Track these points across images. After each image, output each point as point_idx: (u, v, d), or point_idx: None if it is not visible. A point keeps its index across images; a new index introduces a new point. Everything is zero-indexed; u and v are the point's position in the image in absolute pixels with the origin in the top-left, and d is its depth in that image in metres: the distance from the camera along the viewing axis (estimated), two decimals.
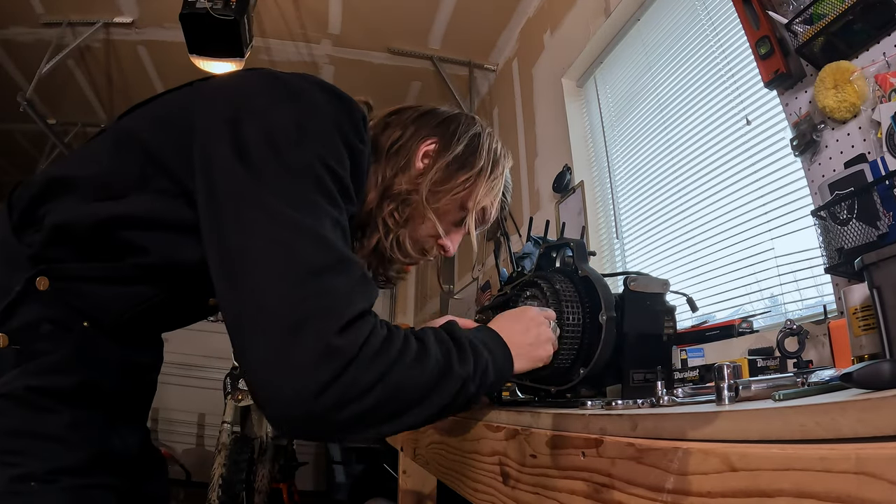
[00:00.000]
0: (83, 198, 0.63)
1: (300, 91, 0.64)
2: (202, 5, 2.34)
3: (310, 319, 0.48)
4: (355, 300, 0.52)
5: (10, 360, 0.59)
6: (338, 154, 0.62)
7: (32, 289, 0.60)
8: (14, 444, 0.57)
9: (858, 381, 0.37)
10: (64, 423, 0.61)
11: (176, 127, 0.64)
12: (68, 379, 0.62)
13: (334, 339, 0.48)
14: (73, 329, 0.62)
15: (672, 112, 1.92)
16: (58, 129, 4.03)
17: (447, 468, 1.01)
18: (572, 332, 0.83)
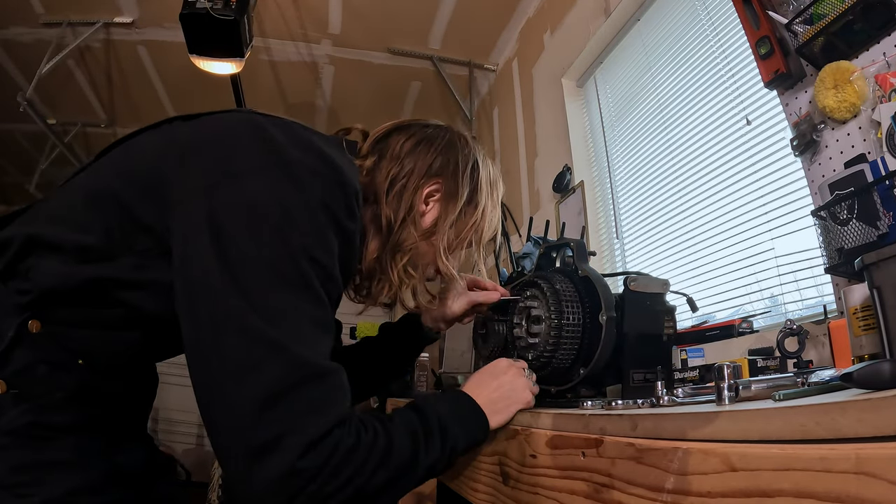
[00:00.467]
0: (66, 260, 0.62)
1: (288, 161, 0.60)
2: (202, 5, 2.34)
3: (274, 443, 0.50)
4: (320, 418, 0.53)
5: (9, 404, 0.59)
6: (324, 241, 0.60)
7: (25, 332, 0.61)
8: (23, 477, 0.58)
9: (858, 381, 0.37)
10: (68, 447, 0.61)
11: (152, 190, 0.63)
12: (67, 416, 0.62)
13: (298, 462, 0.50)
14: (69, 368, 0.62)
15: (672, 112, 1.92)
16: (58, 129, 4.03)
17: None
18: (572, 332, 0.83)
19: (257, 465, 0.50)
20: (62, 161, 4.29)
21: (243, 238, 0.56)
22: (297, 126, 0.68)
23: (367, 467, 0.55)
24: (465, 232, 0.85)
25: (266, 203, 0.57)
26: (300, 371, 0.53)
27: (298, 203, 0.58)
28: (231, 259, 0.55)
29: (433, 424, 0.64)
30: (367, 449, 0.56)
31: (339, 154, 0.68)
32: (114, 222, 0.63)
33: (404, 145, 0.82)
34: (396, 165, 0.80)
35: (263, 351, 0.52)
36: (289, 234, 0.57)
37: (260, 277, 0.55)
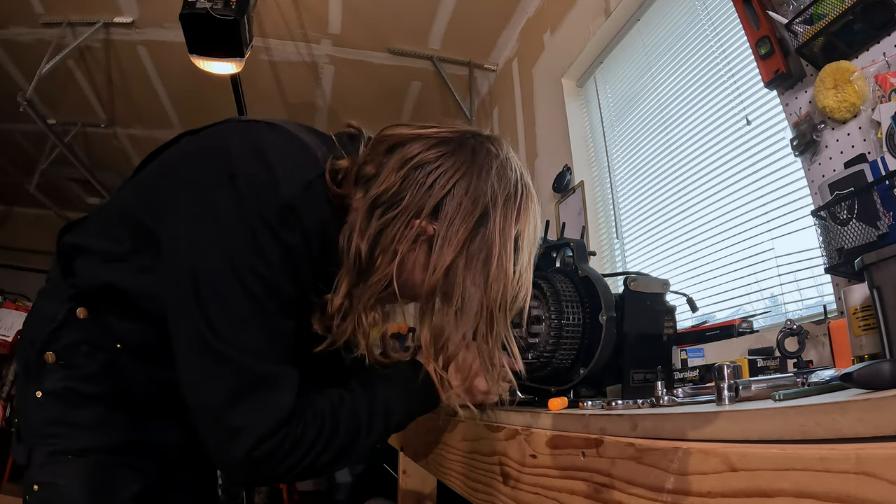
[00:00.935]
0: (95, 264, 0.75)
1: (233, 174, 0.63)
2: (202, 5, 2.34)
3: (231, 438, 0.62)
4: (268, 417, 0.63)
5: (55, 371, 0.74)
6: (263, 254, 0.63)
7: (73, 317, 0.74)
8: (54, 429, 0.72)
9: (858, 381, 0.38)
10: (95, 415, 0.74)
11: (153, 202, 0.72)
12: (99, 386, 0.74)
13: (250, 454, 0.62)
14: (107, 349, 0.74)
15: (672, 112, 1.92)
16: (58, 129, 4.03)
17: (447, 468, 1.01)
18: (572, 332, 0.83)
19: (223, 452, 0.64)
20: (62, 161, 4.29)
21: (199, 259, 0.64)
22: (268, 129, 0.69)
23: (311, 453, 0.67)
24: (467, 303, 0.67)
25: (215, 224, 0.63)
26: (248, 379, 0.63)
27: (238, 219, 0.63)
28: (193, 278, 0.63)
29: (379, 412, 0.74)
30: (312, 440, 0.67)
31: (290, 158, 0.66)
32: (131, 228, 0.73)
33: (405, 166, 0.68)
34: (388, 191, 0.67)
35: (216, 362, 0.62)
36: (232, 253, 0.63)
37: (212, 295, 0.63)
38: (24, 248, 5.68)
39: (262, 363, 0.64)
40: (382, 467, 3.07)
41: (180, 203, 0.67)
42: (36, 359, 0.74)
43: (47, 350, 0.73)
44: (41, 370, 0.74)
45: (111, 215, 0.77)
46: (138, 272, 0.72)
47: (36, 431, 0.73)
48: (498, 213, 0.68)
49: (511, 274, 0.69)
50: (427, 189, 0.67)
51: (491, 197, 0.68)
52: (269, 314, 0.65)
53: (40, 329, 0.75)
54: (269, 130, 0.69)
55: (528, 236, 0.71)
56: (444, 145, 0.70)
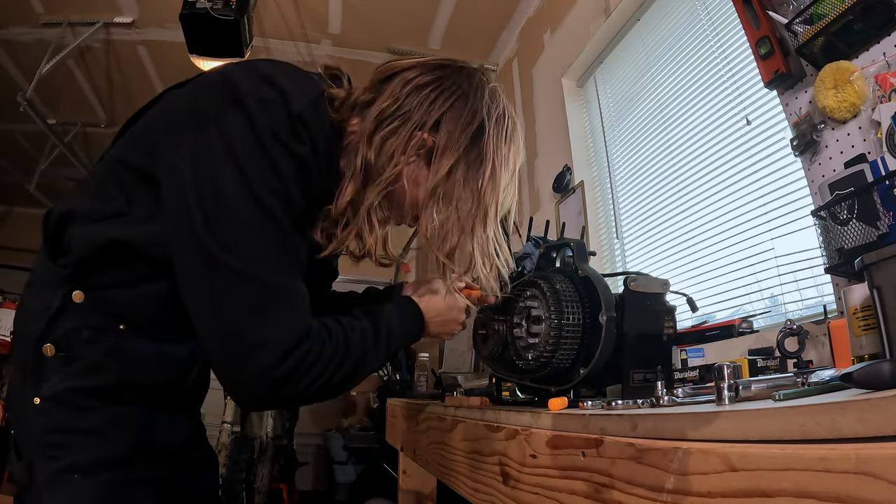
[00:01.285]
0: (90, 225, 0.70)
1: (239, 96, 0.64)
2: (202, 5, 2.34)
3: (251, 355, 0.62)
4: (288, 332, 0.63)
5: (56, 365, 0.68)
6: (277, 168, 0.64)
7: (70, 302, 0.69)
8: (57, 439, 0.66)
9: (858, 381, 0.37)
10: (102, 419, 0.68)
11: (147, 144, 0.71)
12: (105, 378, 0.69)
13: (273, 371, 0.62)
14: (110, 331, 0.70)
15: (672, 112, 1.92)
16: (58, 129, 4.03)
17: (447, 468, 1.01)
18: (572, 332, 0.83)
19: (242, 373, 0.62)
20: (62, 161, 4.29)
21: (210, 180, 0.62)
22: (261, 62, 0.72)
23: (328, 370, 0.67)
24: (460, 200, 0.74)
25: (225, 145, 0.63)
26: (267, 294, 0.62)
27: (250, 137, 0.63)
28: (202, 201, 0.62)
29: (383, 337, 0.76)
30: (329, 357, 0.68)
31: (292, 80, 0.69)
32: (125, 181, 0.70)
33: (406, 86, 0.74)
34: (391, 106, 0.73)
35: (233, 281, 0.61)
36: (244, 169, 0.62)
37: (226, 215, 0.62)
38: (24, 248, 5.68)
39: (280, 277, 0.64)
40: (382, 467, 3.07)
41: (181, 135, 0.65)
42: (32, 354, 0.68)
43: (45, 342, 0.68)
44: (39, 367, 0.68)
45: (97, 179, 0.74)
46: (138, 223, 0.69)
47: (36, 442, 0.66)
48: (491, 129, 0.75)
49: (500, 182, 0.76)
50: (429, 104, 0.73)
51: (486, 114, 0.75)
52: (283, 229, 0.64)
53: (34, 322, 0.69)
54: (264, 61, 0.72)
55: (513, 153, 0.79)
56: (440, 69, 0.77)
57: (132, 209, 0.69)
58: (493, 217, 0.76)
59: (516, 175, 0.81)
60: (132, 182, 0.70)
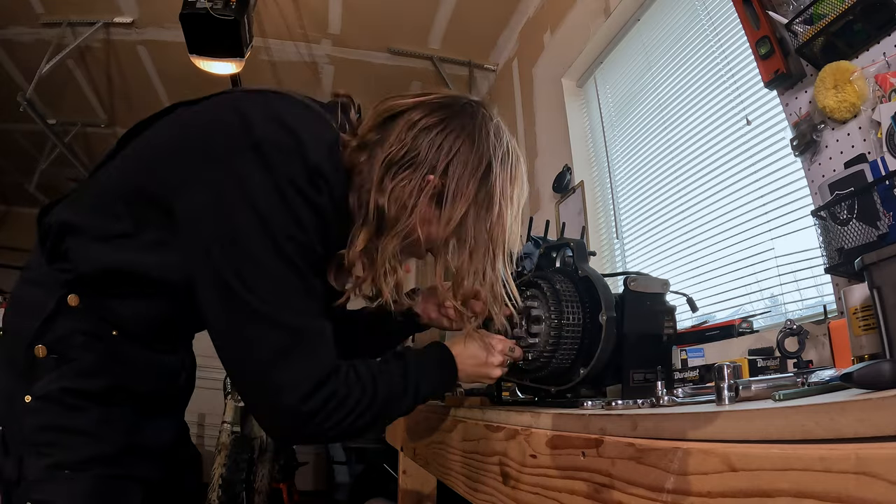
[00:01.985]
0: (97, 243, 0.71)
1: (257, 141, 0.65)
2: (202, 5, 2.34)
3: (278, 394, 0.64)
4: (314, 371, 0.66)
5: (48, 366, 0.68)
6: (297, 217, 0.66)
7: (65, 306, 0.69)
8: (48, 437, 0.67)
9: (858, 381, 0.38)
10: (93, 419, 0.69)
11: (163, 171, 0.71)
12: (98, 381, 0.70)
13: (301, 406, 0.65)
14: (104, 338, 0.71)
15: (672, 112, 1.92)
16: (58, 129, 4.03)
17: (447, 468, 1.01)
18: (572, 332, 0.83)
19: (274, 409, 0.65)
20: (62, 161, 4.29)
21: (232, 228, 0.64)
22: (275, 99, 0.72)
23: (353, 414, 0.69)
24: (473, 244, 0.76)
25: (245, 193, 0.64)
26: (291, 337, 0.65)
27: (269, 185, 0.64)
28: (225, 250, 0.64)
29: (412, 385, 0.77)
30: (356, 399, 0.69)
31: (308, 124, 0.70)
32: (132, 203, 0.71)
33: (412, 129, 0.75)
34: (399, 151, 0.73)
35: (259, 326, 0.64)
36: (265, 218, 0.64)
37: (250, 263, 0.64)
38: (24, 248, 5.68)
39: (304, 320, 0.66)
40: (382, 467, 3.07)
41: (199, 173, 0.67)
42: (25, 354, 0.68)
43: (37, 343, 0.68)
44: (31, 367, 0.68)
45: (105, 190, 0.74)
46: (146, 249, 0.69)
47: (27, 440, 0.67)
48: (498, 169, 0.77)
49: (508, 221, 0.78)
50: (437, 148, 0.74)
51: (493, 155, 0.77)
52: (304, 274, 0.67)
53: (27, 320, 0.69)
54: (278, 98, 0.73)
55: (518, 192, 0.81)
56: (443, 110, 0.77)
57: (140, 233, 0.70)
58: (501, 256, 0.78)
59: (521, 211, 0.83)
60: (141, 205, 0.70)
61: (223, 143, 0.67)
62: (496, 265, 0.77)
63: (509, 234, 0.79)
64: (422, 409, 1.22)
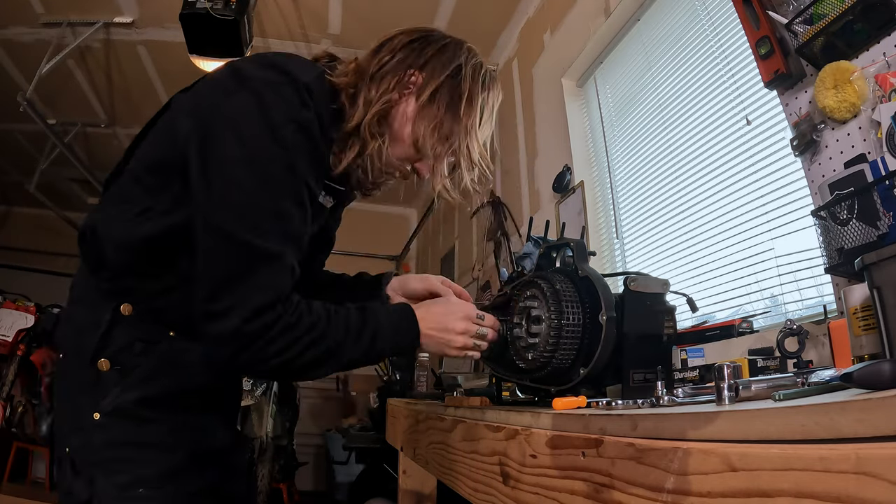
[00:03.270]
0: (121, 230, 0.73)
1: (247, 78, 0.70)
2: (202, 5, 2.34)
3: (224, 312, 0.64)
4: (265, 294, 0.65)
5: (114, 380, 0.70)
6: (279, 138, 0.68)
7: (119, 316, 0.72)
8: (118, 453, 0.68)
9: (858, 381, 0.37)
10: (162, 430, 0.71)
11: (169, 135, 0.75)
12: (161, 385, 0.72)
13: (243, 326, 0.64)
14: (162, 340, 0.73)
15: (672, 112, 1.92)
16: (58, 129, 4.03)
17: (447, 468, 1.01)
18: (572, 332, 0.83)
19: (213, 326, 0.65)
20: (62, 161, 4.29)
21: (215, 150, 0.67)
22: (268, 54, 0.77)
23: (298, 344, 0.68)
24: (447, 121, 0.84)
25: (230, 119, 0.68)
26: (248, 256, 0.66)
27: (254, 111, 0.68)
28: (207, 167, 0.67)
29: (368, 331, 0.76)
30: (304, 330, 0.68)
31: (295, 62, 0.75)
32: (146, 181, 0.74)
33: (401, 39, 0.87)
34: (387, 55, 0.84)
35: (222, 240, 0.66)
36: (245, 140, 0.67)
37: (225, 180, 0.66)
38: (24, 248, 5.68)
39: (268, 242, 0.67)
40: (382, 467, 3.07)
41: (195, 122, 0.70)
42: (89, 371, 0.70)
43: (99, 357, 0.70)
44: (95, 383, 0.70)
45: (121, 184, 0.78)
46: (162, 215, 0.72)
47: (97, 457, 0.68)
48: (468, 70, 0.87)
49: (478, 109, 0.86)
50: (419, 52, 0.85)
51: (464, 60, 0.87)
52: (278, 196, 0.68)
53: (85, 339, 0.71)
54: (267, 53, 0.78)
55: (492, 97, 0.90)
56: (425, 31, 0.90)
57: (156, 203, 0.73)
58: (473, 134, 0.85)
59: (494, 113, 0.91)
60: (152, 178, 0.74)
61: (214, 88, 0.72)
62: (467, 140, 0.84)
63: (479, 121, 0.87)
64: (422, 410, 1.22)
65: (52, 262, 5.50)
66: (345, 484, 3.67)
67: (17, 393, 3.96)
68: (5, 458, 3.91)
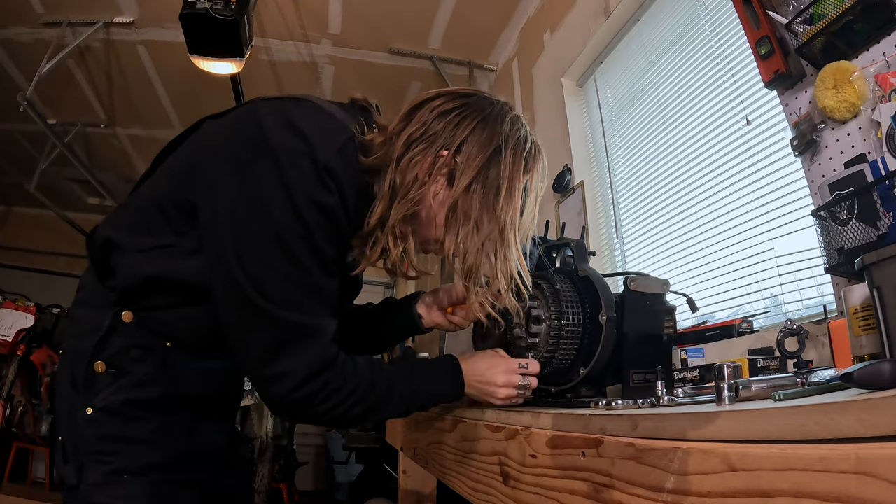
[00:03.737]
0: (135, 257, 0.75)
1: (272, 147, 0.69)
2: (202, 5, 2.34)
3: (277, 380, 0.69)
4: (310, 363, 0.70)
5: (107, 381, 0.73)
6: (303, 218, 0.68)
7: (119, 322, 0.74)
8: (108, 446, 0.72)
9: (858, 381, 0.38)
10: (150, 428, 0.74)
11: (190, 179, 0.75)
12: (153, 391, 0.75)
13: (293, 394, 0.70)
14: (157, 350, 0.76)
15: (672, 112, 1.92)
16: (58, 129, 4.03)
17: (447, 468, 1.01)
18: (572, 332, 0.83)
19: (268, 395, 0.71)
20: (62, 161, 4.29)
21: (244, 226, 0.68)
22: (294, 106, 0.74)
23: (345, 404, 0.73)
24: (479, 220, 0.76)
25: (257, 194, 0.68)
26: (289, 331, 0.69)
27: (278, 187, 0.68)
28: (237, 246, 0.68)
29: (407, 390, 0.80)
30: (350, 390, 0.74)
31: (320, 128, 0.72)
32: (171, 215, 0.75)
33: (433, 111, 0.79)
34: (418, 131, 0.78)
35: (260, 318, 0.68)
36: (273, 218, 0.68)
37: (257, 259, 0.68)
38: (24, 248, 5.68)
39: (303, 316, 0.70)
40: (382, 467, 3.07)
41: (219, 177, 0.71)
42: (85, 371, 0.73)
43: (96, 360, 0.73)
44: (91, 382, 0.73)
45: (141, 206, 0.78)
46: (184, 256, 0.73)
47: (88, 449, 0.72)
48: (509, 152, 0.78)
49: (517, 204, 0.78)
50: (453, 127, 0.78)
51: (504, 139, 0.78)
52: (308, 272, 0.70)
53: (85, 340, 0.74)
54: (295, 105, 0.75)
55: (536, 181, 0.82)
56: (466, 97, 0.81)
57: (180, 242, 0.74)
58: (511, 238, 0.78)
59: (538, 203, 0.83)
60: (178, 215, 0.74)
61: (240, 150, 0.71)
62: (505, 246, 0.77)
63: (520, 218, 0.79)
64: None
65: (52, 262, 5.51)
66: (345, 484, 3.67)
67: (17, 393, 3.96)
68: (5, 458, 3.92)
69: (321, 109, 0.76)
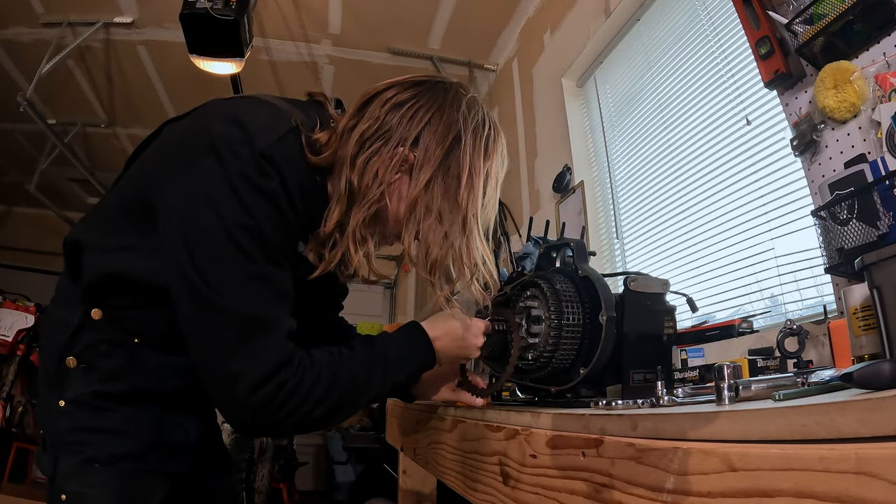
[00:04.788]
0: (98, 257, 0.75)
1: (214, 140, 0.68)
2: (202, 5, 2.34)
3: (231, 384, 0.66)
4: (264, 362, 0.66)
5: (78, 375, 0.75)
6: (247, 207, 0.67)
7: (89, 319, 0.75)
8: (79, 437, 0.73)
9: (858, 381, 0.38)
10: (120, 418, 0.75)
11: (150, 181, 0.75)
12: (122, 384, 0.76)
13: (249, 398, 0.66)
14: (125, 345, 0.76)
15: (672, 112, 1.92)
16: (58, 129, 4.03)
17: (447, 468, 1.01)
18: (572, 332, 0.83)
19: (225, 400, 0.67)
20: (62, 161, 4.29)
21: (191, 219, 0.68)
22: (241, 102, 0.75)
23: (308, 403, 0.69)
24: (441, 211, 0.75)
25: (202, 188, 0.68)
26: (242, 326, 0.66)
27: (221, 178, 0.67)
28: (187, 240, 0.67)
29: (379, 366, 0.76)
30: (308, 389, 0.69)
31: (262, 119, 0.71)
32: (132, 215, 0.75)
33: (385, 105, 0.76)
34: (371, 127, 0.75)
35: (213, 314, 0.66)
36: (218, 209, 0.66)
37: (206, 252, 0.67)
38: (24, 248, 5.69)
39: (253, 308, 0.67)
40: (382, 467, 3.07)
41: (171, 176, 0.71)
42: (56, 366, 0.75)
43: (67, 355, 0.74)
44: (63, 377, 0.75)
45: (108, 207, 0.79)
46: (146, 255, 0.73)
47: (61, 440, 0.73)
48: (468, 140, 0.77)
49: (479, 193, 0.77)
50: (408, 121, 0.76)
51: (462, 126, 0.77)
52: (258, 262, 0.68)
53: (57, 336, 0.76)
54: (242, 101, 0.76)
55: (496, 165, 0.80)
56: (417, 86, 0.79)
57: (142, 242, 0.74)
58: (474, 227, 0.77)
59: (499, 187, 0.82)
60: (140, 217, 0.74)
61: (190, 148, 0.71)
62: (468, 236, 0.76)
63: (481, 203, 0.78)
64: (421, 409, 1.22)
65: (52, 262, 5.50)
66: (345, 484, 3.67)
67: (17, 393, 3.96)
68: (5, 458, 3.92)
69: (265, 103, 0.75)
